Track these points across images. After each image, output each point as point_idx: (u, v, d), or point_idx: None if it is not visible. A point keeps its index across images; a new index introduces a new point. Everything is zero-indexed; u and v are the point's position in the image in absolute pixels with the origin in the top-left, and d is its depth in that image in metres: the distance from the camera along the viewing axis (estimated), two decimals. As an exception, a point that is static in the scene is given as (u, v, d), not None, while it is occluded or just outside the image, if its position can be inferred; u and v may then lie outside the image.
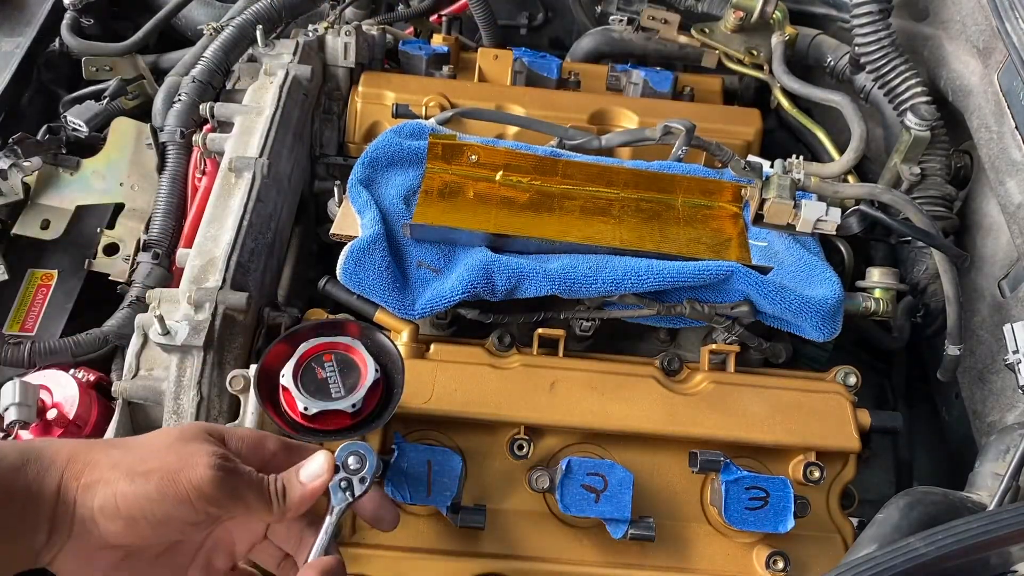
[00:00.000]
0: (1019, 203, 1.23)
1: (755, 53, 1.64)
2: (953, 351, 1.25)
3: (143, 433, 0.81)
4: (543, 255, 1.15)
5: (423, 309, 1.11)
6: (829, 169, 1.42)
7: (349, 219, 1.19)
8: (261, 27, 1.48)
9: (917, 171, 1.35)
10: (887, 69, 1.38)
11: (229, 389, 1.03)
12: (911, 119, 1.33)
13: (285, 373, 0.87)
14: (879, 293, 1.24)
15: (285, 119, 1.34)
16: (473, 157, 1.27)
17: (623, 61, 1.72)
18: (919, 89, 1.37)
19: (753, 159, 1.31)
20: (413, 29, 1.86)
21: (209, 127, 1.39)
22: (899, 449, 1.46)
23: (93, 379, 1.23)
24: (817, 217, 1.22)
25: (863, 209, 1.24)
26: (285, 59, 1.45)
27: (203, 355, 1.05)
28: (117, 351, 1.29)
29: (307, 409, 0.85)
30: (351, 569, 1.04)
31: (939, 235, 1.23)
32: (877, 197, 1.26)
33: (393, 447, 1.01)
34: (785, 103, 1.61)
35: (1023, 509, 0.82)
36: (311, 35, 1.53)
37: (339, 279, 1.13)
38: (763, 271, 1.14)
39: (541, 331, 1.14)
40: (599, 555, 1.09)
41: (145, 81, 1.66)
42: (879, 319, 1.25)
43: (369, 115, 1.50)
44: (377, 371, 0.88)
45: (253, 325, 1.15)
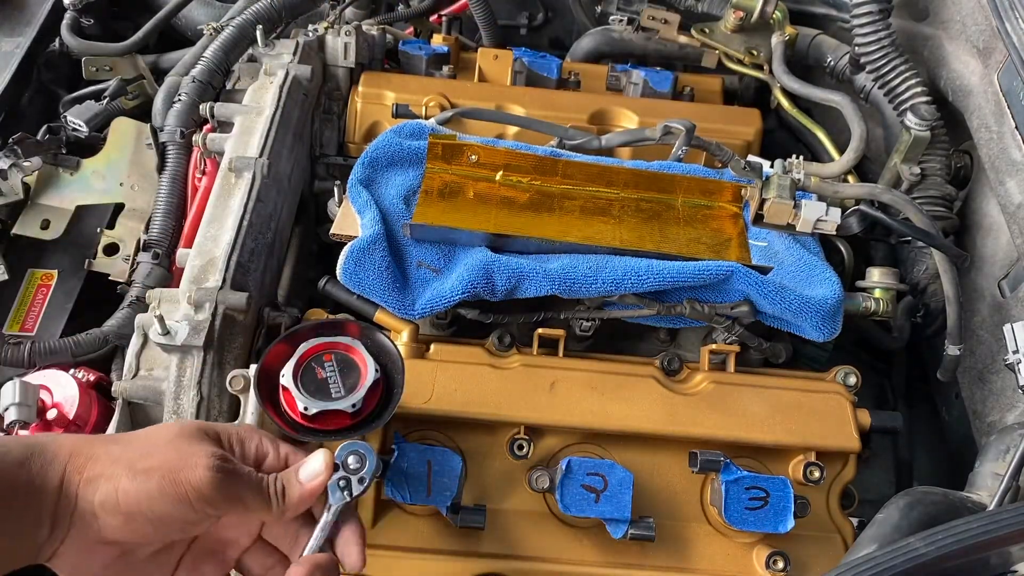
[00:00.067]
0: (1019, 203, 1.23)
1: (755, 53, 1.64)
2: (953, 351, 1.25)
3: None
4: (543, 255, 1.15)
5: (423, 309, 1.11)
6: (829, 169, 1.42)
7: (349, 219, 1.19)
8: (261, 27, 1.48)
9: (917, 171, 1.35)
10: (887, 69, 1.38)
11: (229, 389, 1.03)
12: (911, 119, 1.33)
13: (285, 373, 0.87)
14: (879, 293, 1.24)
15: (285, 119, 1.34)
16: (473, 157, 1.27)
17: (623, 61, 1.72)
18: (919, 89, 1.37)
19: (753, 159, 1.31)
20: (413, 29, 1.86)
21: (209, 127, 1.39)
22: (899, 449, 1.46)
23: (93, 379, 1.23)
24: (817, 217, 1.22)
25: (863, 209, 1.24)
26: (285, 59, 1.45)
27: (203, 355, 1.05)
28: (117, 351, 1.29)
29: (307, 409, 0.85)
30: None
31: (939, 235, 1.23)
32: (877, 197, 1.26)
33: (393, 447, 1.01)
34: (785, 103, 1.61)
35: (1023, 509, 0.82)
36: (311, 35, 1.53)
37: (339, 279, 1.13)
38: (763, 271, 1.14)
39: (541, 331, 1.14)
40: (599, 555, 1.09)
41: (145, 81, 1.66)
42: (879, 319, 1.25)
43: (369, 115, 1.50)
44: (377, 371, 0.88)
45: (253, 325, 1.15)
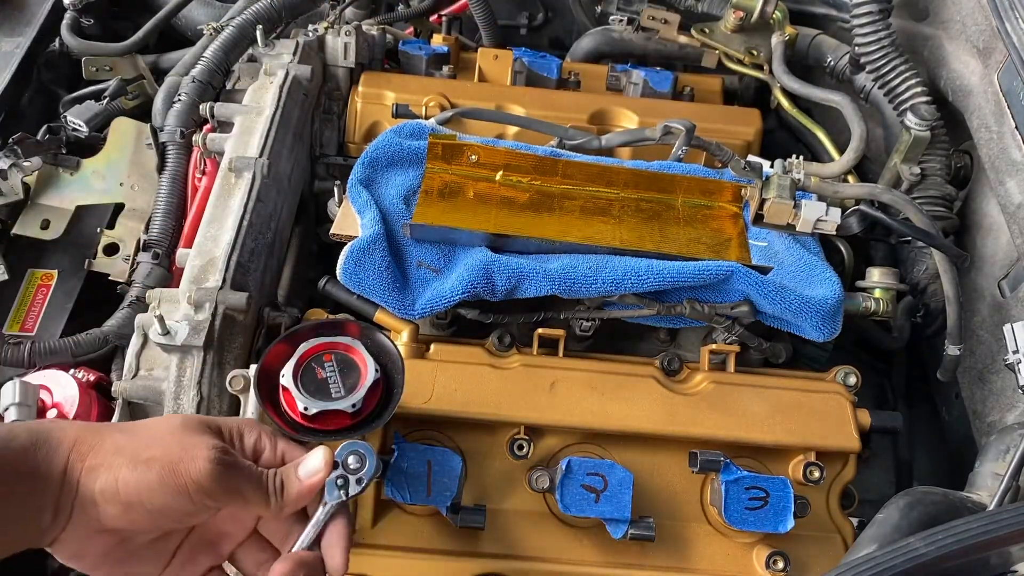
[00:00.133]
0: (1019, 203, 1.23)
1: (755, 53, 1.64)
2: (953, 351, 1.25)
3: None
4: (543, 255, 1.15)
5: (423, 309, 1.11)
6: (829, 169, 1.42)
7: (349, 219, 1.19)
8: (261, 27, 1.48)
9: (917, 171, 1.35)
10: (887, 69, 1.38)
11: (229, 389, 1.03)
12: (911, 119, 1.33)
13: (285, 373, 0.87)
14: (879, 293, 1.24)
15: (285, 119, 1.34)
16: (473, 157, 1.27)
17: (623, 61, 1.72)
18: (919, 89, 1.36)
19: (753, 159, 1.31)
20: (413, 29, 1.86)
21: (209, 127, 1.39)
22: (899, 449, 1.46)
23: (93, 379, 1.23)
24: (817, 217, 1.22)
25: (863, 209, 1.24)
26: (285, 59, 1.45)
27: (203, 355, 1.05)
28: (117, 351, 1.29)
29: (307, 409, 0.85)
30: (352, 569, 1.04)
31: (939, 235, 1.23)
32: (877, 197, 1.26)
33: (393, 447, 1.01)
34: (785, 103, 1.61)
35: (1023, 509, 0.82)
36: (311, 35, 1.52)
37: (339, 279, 1.13)
38: (763, 271, 1.14)
39: (541, 331, 1.14)
40: (599, 555, 1.09)
41: (145, 81, 1.66)
42: (879, 319, 1.24)
43: (369, 115, 1.50)
44: (377, 371, 0.88)
45: (253, 325, 1.15)
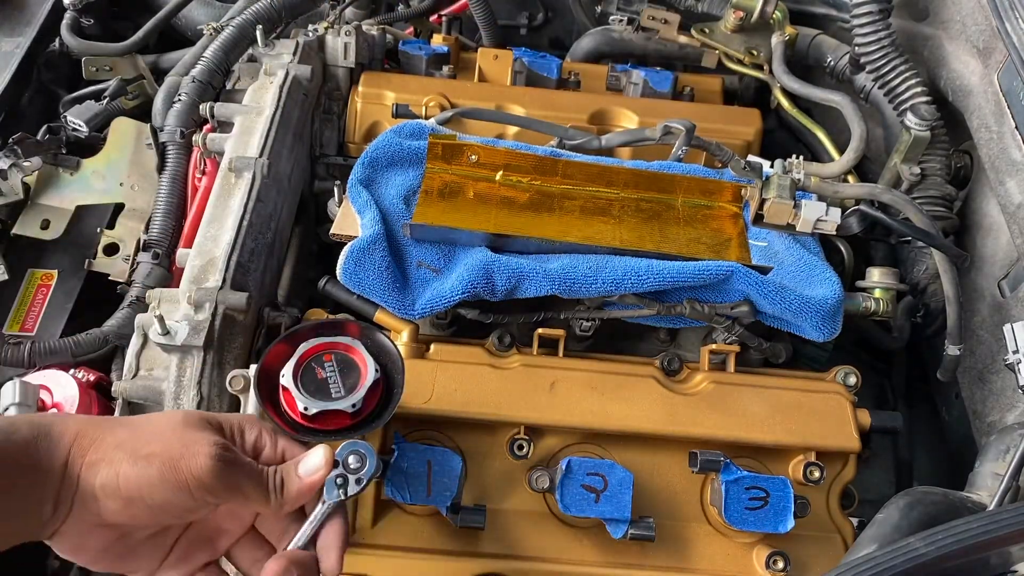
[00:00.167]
0: (1019, 203, 1.23)
1: (755, 53, 1.64)
2: (953, 351, 1.25)
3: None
4: (543, 255, 1.15)
5: (423, 309, 1.11)
6: (829, 169, 1.42)
7: (349, 219, 1.19)
8: (261, 27, 1.48)
9: (917, 171, 1.35)
10: (887, 69, 1.38)
11: (229, 389, 1.03)
12: (911, 119, 1.33)
13: (285, 373, 0.87)
14: (879, 293, 1.24)
15: (285, 119, 1.34)
16: (473, 157, 1.27)
17: (623, 61, 1.72)
18: (919, 89, 1.36)
19: (753, 159, 1.31)
20: (413, 29, 1.86)
21: (209, 127, 1.39)
22: (899, 449, 1.46)
23: (93, 379, 1.23)
24: (817, 217, 1.22)
25: (863, 209, 1.24)
26: (285, 59, 1.45)
27: (203, 355, 1.05)
28: (117, 351, 1.29)
29: (307, 409, 0.85)
30: (351, 569, 1.04)
31: (939, 235, 1.23)
32: (877, 197, 1.26)
33: (393, 447, 1.01)
34: (785, 103, 1.61)
35: (1023, 509, 0.82)
36: (311, 35, 1.53)
37: (339, 279, 1.13)
38: (763, 271, 1.14)
39: (541, 331, 1.14)
40: (599, 555, 1.09)
41: (145, 81, 1.66)
42: (879, 319, 1.24)
43: (369, 115, 1.50)
44: (377, 371, 0.88)
45: (253, 325, 1.15)
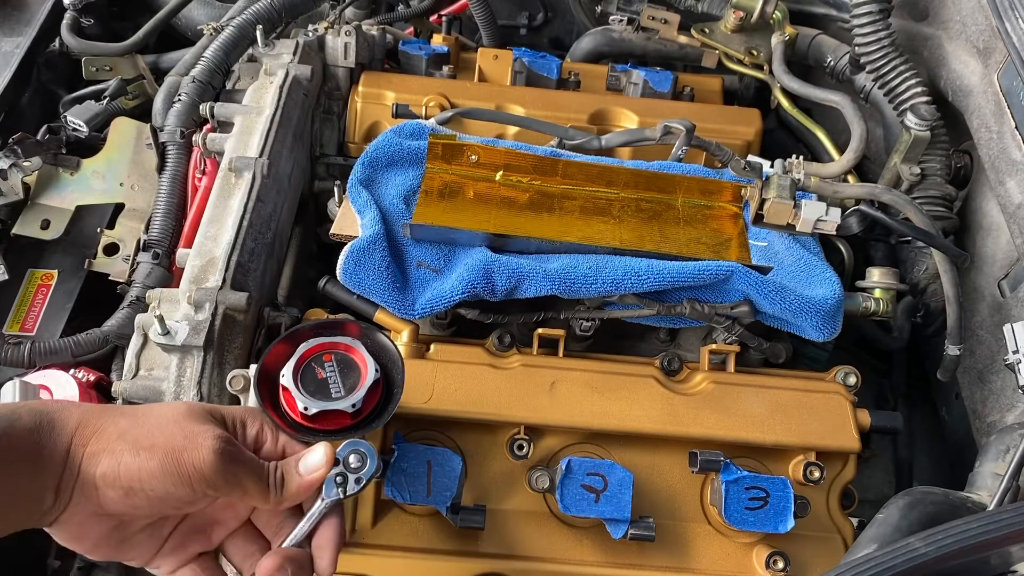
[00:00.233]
0: (1019, 203, 1.23)
1: (755, 53, 1.64)
2: (953, 351, 1.25)
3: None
4: (543, 255, 1.15)
5: (423, 309, 1.11)
6: (829, 169, 1.42)
7: (349, 219, 1.19)
8: (261, 27, 1.48)
9: (917, 171, 1.35)
10: (887, 69, 1.38)
11: (229, 389, 1.03)
12: (911, 119, 1.33)
13: (285, 373, 0.87)
14: (879, 293, 1.24)
15: (285, 119, 1.34)
16: (473, 157, 1.27)
17: (623, 61, 1.72)
18: (919, 89, 1.37)
19: (753, 159, 1.31)
20: (413, 29, 1.86)
21: (209, 127, 1.39)
22: (899, 449, 1.46)
23: (93, 379, 1.23)
24: (817, 217, 1.22)
25: (863, 209, 1.24)
26: (285, 59, 1.45)
27: (203, 355, 1.05)
28: (117, 351, 1.29)
29: (307, 409, 0.85)
30: (351, 569, 1.04)
31: (939, 235, 1.23)
32: (877, 197, 1.26)
33: (393, 447, 1.01)
34: (785, 103, 1.60)
35: (1023, 509, 0.82)
36: (311, 35, 1.53)
37: (339, 279, 1.13)
38: (763, 271, 1.14)
39: (541, 331, 1.14)
40: (599, 555, 1.09)
41: (145, 81, 1.66)
42: (879, 319, 1.25)
43: (369, 115, 1.50)
44: (377, 371, 0.88)
45: (253, 325, 1.15)
